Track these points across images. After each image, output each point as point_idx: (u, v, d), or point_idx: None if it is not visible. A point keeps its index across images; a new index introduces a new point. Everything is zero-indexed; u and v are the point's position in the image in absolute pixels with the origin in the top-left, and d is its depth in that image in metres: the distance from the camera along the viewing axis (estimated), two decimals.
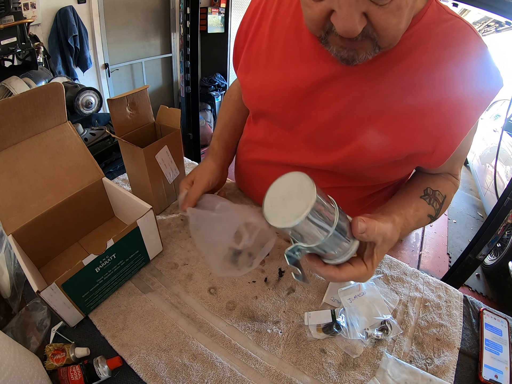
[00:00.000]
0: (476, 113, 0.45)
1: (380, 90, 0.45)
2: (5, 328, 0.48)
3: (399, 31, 0.37)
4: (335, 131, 0.50)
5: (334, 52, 0.40)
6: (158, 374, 0.44)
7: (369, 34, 0.36)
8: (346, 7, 0.32)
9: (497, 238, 1.25)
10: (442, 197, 0.54)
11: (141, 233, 0.53)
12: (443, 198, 0.54)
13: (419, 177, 0.58)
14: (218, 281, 0.58)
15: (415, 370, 0.46)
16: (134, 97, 0.64)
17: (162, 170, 0.67)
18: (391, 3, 0.32)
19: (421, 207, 0.52)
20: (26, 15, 1.91)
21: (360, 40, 0.37)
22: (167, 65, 3.64)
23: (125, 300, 0.53)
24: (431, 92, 0.43)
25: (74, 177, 0.59)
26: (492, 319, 0.55)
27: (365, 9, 0.33)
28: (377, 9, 0.33)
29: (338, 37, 0.37)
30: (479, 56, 0.43)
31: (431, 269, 2.26)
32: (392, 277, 0.61)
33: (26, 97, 0.49)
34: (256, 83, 0.55)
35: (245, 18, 0.59)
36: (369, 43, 0.38)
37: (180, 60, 1.96)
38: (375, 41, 0.37)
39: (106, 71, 2.89)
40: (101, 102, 1.57)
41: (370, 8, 0.33)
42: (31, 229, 0.52)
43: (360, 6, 0.32)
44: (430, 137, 0.46)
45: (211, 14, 3.42)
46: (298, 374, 0.46)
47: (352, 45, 0.38)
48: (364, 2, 0.32)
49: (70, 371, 0.42)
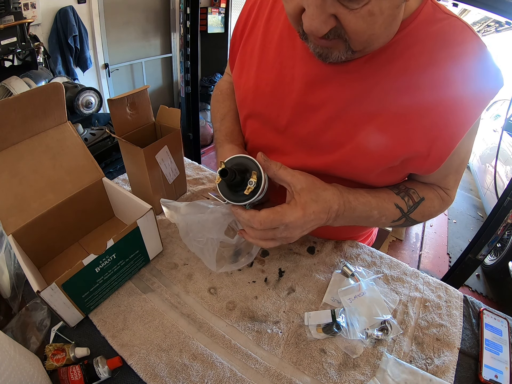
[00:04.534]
0: (474, 112, 0.44)
1: (375, 90, 0.45)
2: (5, 328, 0.48)
3: (372, 37, 0.37)
4: (328, 133, 0.49)
5: (311, 47, 0.41)
6: (158, 374, 0.44)
7: (341, 35, 0.36)
8: (313, 7, 0.33)
9: (497, 238, 1.25)
10: (418, 197, 0.52)
11: (141, 233, 0.53)
12: (419, 199, 0.52)
13: None
14: (218, 281, 0.58)
15: (415, 370, 0.46)
16: (134, 97, 0.64)
17: (162, 170, 0.67)
18: (362, 9, 0.32)
19: (386, 193, 0.52)
20: (26, 15, 1.91)
21: (331, 39, 0.37)
22: (167, 65, 3.65)
23: (125, 300, 0.53)
24: (428, 92, 0.43)
25: (74, 177, 0.59)
26: (492, 319, 0.55)
27: (334, 11, 0.33)
28: (347, 13, 0.33)
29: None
30: (477, 56, 0.42)
31: (431, 269, 2.26)
32: (392, 277, 0.61)
33: (26, 97, 0.49)
34: (250, 83, 0.54)
35: (240, 17, 0.58)
36: (341, 44, 0.38)
37: (180, 60, 1.96)
38: (347, 43, 0.37)
39: (106, 71, 2.89)
40: (101, 102, 1.57)
41: (339, 10, 0.33)
42: (31, 229, 0.52)
43: (327, 7, 0.33)
44: (426, 138, 0.45)
45: (211, 14, 3.42)
46: (298, 374, 0.46)
47: (324, 43, 0.39)
48: (333, 4, 0.32)
49: (70, 371, 0.42)
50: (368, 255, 0.66)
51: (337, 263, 0.63)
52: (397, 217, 0.52)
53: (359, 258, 0.65)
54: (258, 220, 0.43)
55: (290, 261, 0.63)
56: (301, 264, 0.62)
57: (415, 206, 0.52)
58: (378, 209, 0.50)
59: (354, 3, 0.32)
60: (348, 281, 0.58)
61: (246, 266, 0.61)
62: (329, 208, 0.46)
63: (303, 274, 0.60)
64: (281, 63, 0.51)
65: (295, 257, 0.63)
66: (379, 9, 0.33)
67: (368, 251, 0.67)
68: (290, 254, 0.64)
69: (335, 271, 0.61)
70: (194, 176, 0.87)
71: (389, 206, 0.51)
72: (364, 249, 0.68)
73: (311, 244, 0.67)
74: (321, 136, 0.50)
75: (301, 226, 0.44)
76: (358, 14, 0.33)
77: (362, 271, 0.61)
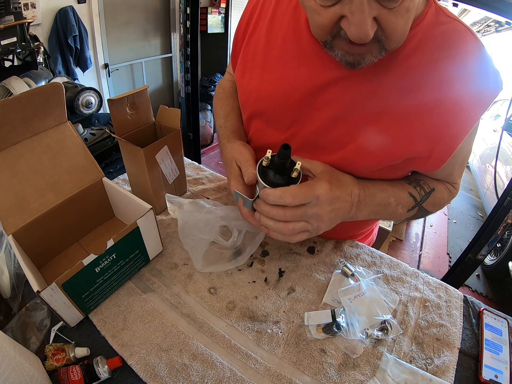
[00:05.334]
0: (475, 114, 0.44)
1: (378, 91, 0.45)
2: (5, 328, 0.48)
3: (406, 32, 0.38)
4: (332, 133, 0.50)
5: (338, 56, 0.40)
6: (158, 374, 0.44)
7: (378, 38, 0.36)
8: (359, 13, 0.32)
9: (497, 238, 1.25)
10: (429, 188, 0.54)
11: (141, 233, 0.53)
12: (430, 189, 0.54)
13: None
14: (218, 281, 0.58)
15: (415, 370, 0.46)
16: (134, 97, 0.64)
17: (162, 170, 0.67)
18: (400, 6, 0.33)
19: (399, 183, 0.53)
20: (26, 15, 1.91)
21: (368, 44, 0.37)
22: (167, 65, 3.65)
23: (125, 300, 0.53)
24: (429, 93, 0.43)
25: (74, 177, 0.59)
26: (492, 319, 0.55)
27: (376, 14, 0.33)
28: (387, 13, 0.33)
29: (345, 42, 0.37)
30: (477, 58, 0.42)
31: (431, 269, 2.26)
32: (392, 277, 0.61)
33: (26, 97, 0.49)
34: (254, 84, 0.55)
35: (243, 17, 0.58)
36: (376, 47, 0.38)
37: (180, 60, 1.97)
38: (382, 44, 0.37)
39: (106, 71, 2.89)
40: (101, 102, 1.56)
41: (381, 12, 0.33)
42: (31, 229, 0.52)
43: (372, 11, 0.33)
44: (428, 138, 0.45)
45: (211, 14, 3.42)
46: (298, 374, 0.46)
47: (361, 49, 0.38)
48: (375, 6, 0.32)
49: (70, 371, 0.42)
50: (368, 255, 0.66)
51: (337, 263, 0.63)
52: (411, 206, 0.53)
53: (359, 258, 0.65)
54: (291, 194, 0.41)
55: (290, 261, 0.63)
56: (301, 264, 0.62)
57: (427, 196, 0.53)
58: (394, 196, 0.51)
59: (393, 2, 0.32)
60: (348, 281, 0.58)
61: (246, 266, 0.61)
62: (351, 190, 0.46)
63: (303, 274, 0.60)
64: (285, 64, 0.51)
65: (295, 257, 0.63)
66: (413, 4, 0.34)
67: (368, 251, 0.67)
68: (290, 254, 0.64)
69: (335, 271, 0.61)
70: (194, 176, 0.87)
71: (404, 194, 0.52)
72: (364, 249, 0.68)
73: (311, 244, 0.67)
74: (324, 136, 0.50)
75: (330, 201, 0.44)
76: (397, 13, 0.33)
77: (362, 271, 0.61)
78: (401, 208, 0.52)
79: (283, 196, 0.41)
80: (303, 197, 0.42)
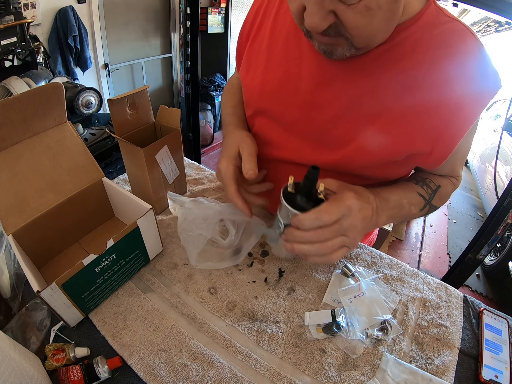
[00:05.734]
0: (474, 113, 0.45)
1: (379, 89, 0.45)
2: (5, 328, 0.48)
3: (372, 32, 0.38)
4: (334, 131, 0.50)
5: (316, 45, 0.42)
6: (158, 374, 0.44)
7: (341, 33, 0.37)
8: (312, 4, 0.34)
9: (497, 238, 1.25)
10: (435, 185, 0.55)
11: (141, 233, 0.53)
12: (436, 187, 0.55)
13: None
14: (218, 281, 0.58)
15: (415, 370, 0.46)
16: (134, 97, 0.64)
17: (162, 170, 0.67)
18: (359, 3, 0.33)
19: (406, 185, 0.54)
20: (26, 15, 1.91)
21: (333, 37, 0.38)
22: (167, 65, 3.65)
23: (125, 300, 0.53)
24: (429, 92, 0.43)
25: (74, 177, 0.59)
26: (492, 319, 0.55)
27: (333, 8, 0.34)
28: (345, 8, 0.34)
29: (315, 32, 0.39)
30: (477, 57, 0.43)
31: (431, 269, 2.26)
32: (392, 277, 0.61)
33: (26, 97, 0.49)
34: (257, 81, 0.55)
35: (247, 19, 0.59)
36: (343, 41, 0.39)
37: (180, 60, 1.96)
38: (349, 40, 0.38)
39: (106, 71, 2.89)
40: (101, 102, 1.56)
41: (338, 7, 0.34)
42: (31, 229, 0.52)
43: (326, 4, 0.34)
44: (428, 138, 0.46)
45: (211, 14, 3.42)
46: (298, 374, 0.46)
47: (326, 40, 0.40)
48: (331, 1, 0.34)
49: (70, 371, 0.42)
50: (368, 255, 0.66)
51: (337, 263, 0.63)
52: (422, 205, 0.53)
53: (359, 258, 0.65)
54: (326, 211, 0.40)
55: (290, 261, 0.63)
56: (301, 264, 0.62)
57: (434, 193, 0.55)
58: (406, 198, 0.51)
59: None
60: (348, 281, 0.58)
61: (246, 266, 0.61)
62: (368, 197, 0.45)
63: (303, 274, 0.60)
64: (288, 62, 0.51)
65: (295, 257, 0.63)
66: (376, 3, 0.34)
67: (368, 251, 0.67)
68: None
69: (335, 271, 0.61)
70: (194, 176, 0.87)
71: (413, 194, 0.53)
72: (364, 249, 0.68)
73: None
74: (327, 134, 0.51)
75: (359, 209, 0.42)
76: (356, 9, 0.34)
77: (362, 271, 0.61)
78: (414, 209, 0.52)
79: (319, 217, 0.40)
80: (338, 211, 0.40)
